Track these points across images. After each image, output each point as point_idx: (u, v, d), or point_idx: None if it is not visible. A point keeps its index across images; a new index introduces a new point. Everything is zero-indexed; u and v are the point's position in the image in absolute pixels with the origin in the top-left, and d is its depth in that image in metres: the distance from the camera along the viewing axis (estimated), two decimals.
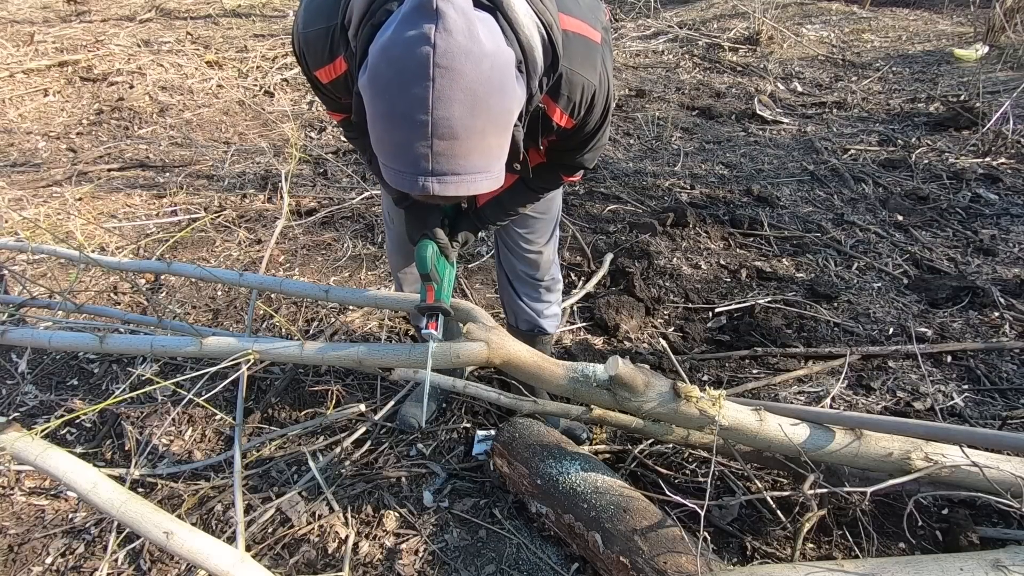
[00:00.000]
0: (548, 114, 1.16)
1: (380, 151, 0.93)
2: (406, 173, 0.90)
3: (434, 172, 0.89)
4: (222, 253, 2.95)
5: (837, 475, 1.64)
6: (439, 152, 0.87)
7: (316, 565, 1.60)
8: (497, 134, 0.93)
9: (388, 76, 0.86)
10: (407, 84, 0.85)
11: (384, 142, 0.91)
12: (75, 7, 6.47)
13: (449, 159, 0.88)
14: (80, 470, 1.35)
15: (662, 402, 1.45)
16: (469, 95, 0.86)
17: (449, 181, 0.90)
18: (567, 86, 1.12)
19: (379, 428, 2.00)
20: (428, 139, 0.86)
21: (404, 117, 0.86)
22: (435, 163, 0.88)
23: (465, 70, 0.85)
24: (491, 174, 0.94)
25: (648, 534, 1.39)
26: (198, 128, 4.33)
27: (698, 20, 6.61)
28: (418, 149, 0.87)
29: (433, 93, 0.84)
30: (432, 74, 0.83)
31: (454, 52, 0.84)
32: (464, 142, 0.88)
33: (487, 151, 0.92)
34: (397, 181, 0.93)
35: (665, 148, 4.07)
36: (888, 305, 2.59)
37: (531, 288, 1.80)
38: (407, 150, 0.88)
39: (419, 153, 0.87)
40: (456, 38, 0.84)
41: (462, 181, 0.91)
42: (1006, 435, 1.41)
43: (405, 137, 0.87)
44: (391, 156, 0.91)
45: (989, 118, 3.86)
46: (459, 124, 0.86)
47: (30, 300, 2.26)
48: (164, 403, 2.12)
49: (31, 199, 3.37)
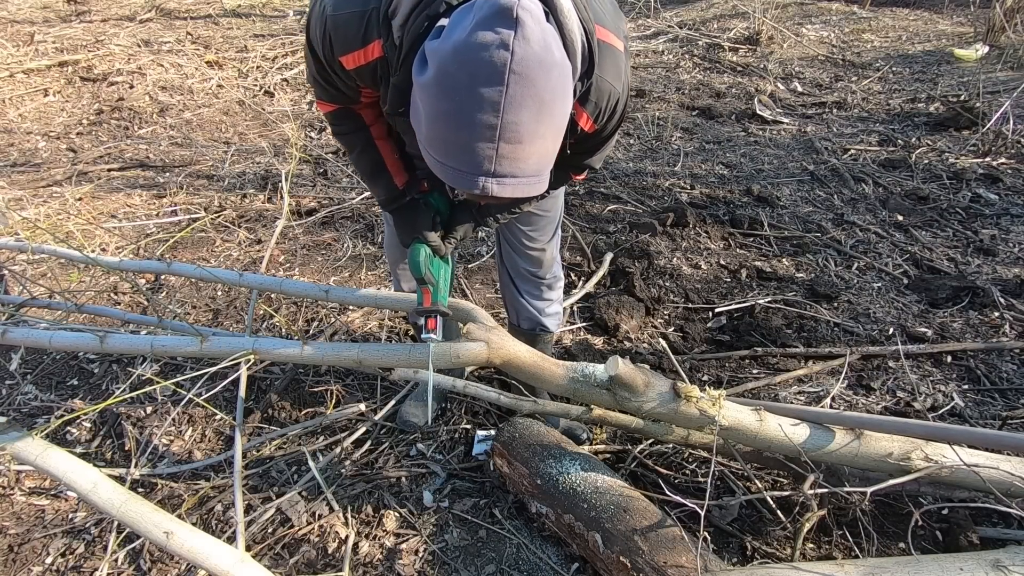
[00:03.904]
0: (575, 119, 1.18)
1: (436, 148, 0.94)
2: (465, 172, 0.92)
3: (495, 174, 0.91)
4: (222, 253, 2.95)
5: (837, 475, 1.64)
6: (503, 155, 0.90)
7: (316, 565, 1.60)
8: (554, 140, 0.96)
9: (460, 77, 0.87)
10: (480, 87, 0.86)
11: (445, 141, 0.92)
12: (75, 7, 6.47)
13: (512, 162, 0.91)
14: (80, 470, 1.35)
15: (662, 402, 1.46)
16: (538, 102, 0.89)
17: (507, 183, 0.93)
18: (596, 93, 1.15)
19: (379, 428, 2.00)
20: (495, 142, 0.89)
21: (473, 118, 0.88)
22: (497, 165, 0.91)
23: (538, 78, 0.88)
24: (542, 177, 0.98)
25: (648, 534, 1.39)
26: (198, 128, 4.33)
27: (698, 20, 6.61)
28: (483, 151, 0.89)
29: (506, 98, 0.86)
30: (507, 79, 0.86)
31: (530, 60, 0.86)
32: (527, 146, 0.91)
33: (544, 156, 0.95)
34: (452, 179, 0.94)
35: (665, 148, 4.07)
36: (888, 305, 2.59)
37: (533, 286, 1.80)
38: (470, 150, 0.90)
39: (484, 155, 0.90)
40: (533, 47, 0.87)
41: (519, 184, 0.94)
42: (1006, 435, 1.41)
43: (471, 138, 0.89)
44: (450, 155, 0.93)
45: (989, 118, 3.86)
46: (525, 129, 0.89)
47: (30, 300, 2.26)
48: (164, 403, 2.12)
49: (31, 199, 3.37)
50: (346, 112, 1.31)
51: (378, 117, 1.34)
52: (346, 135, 1.36)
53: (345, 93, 1.24)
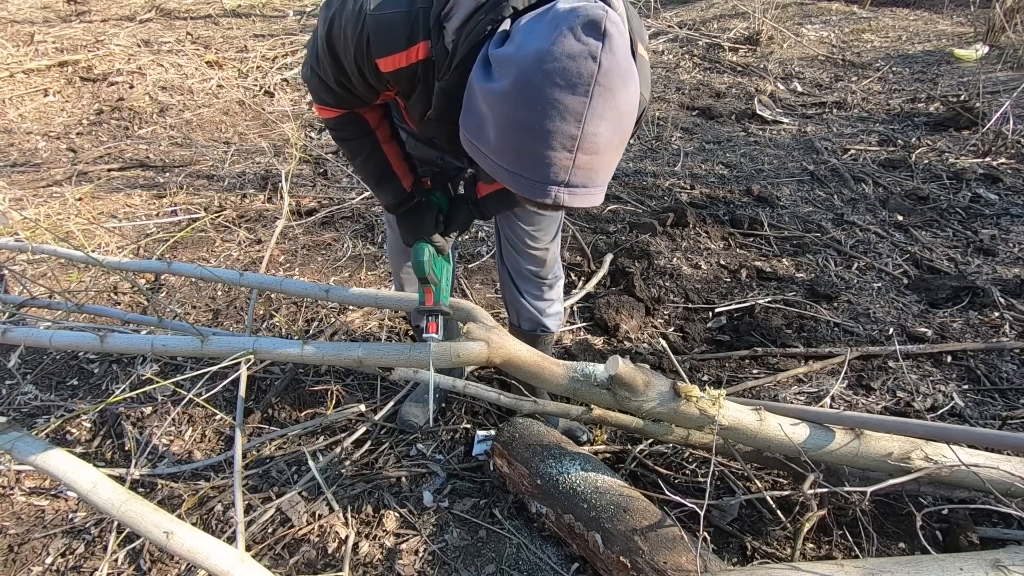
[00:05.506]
0: None
1: (507, 157, 0.93)
2: (538, 182, 0.91)
3: (569, 184, 0.91)
4: (222, 253, 2.95)
5: (837, 475, 1.64)
6: (580, 165, 0.90)
7: (316, 565, 1.60)
8: (622, 150, 0.97)
9: (543, 86, 0.86)
10: (564, 97, 0.86)
11: (519, 150, 0.91)
12: (75, 7, 6.47)
13: (586, 172, 0.91)
14: (80, 470, 1.35)
15: (662, 402, 1.46)
16: (616, 114, 0.89)
17: (578, 193, 0.92)
18: None
19: (379, 428, 2.00)
20: (573, 152, 0.88)
21: (552, 128, 0.87)
22: (572, 176, 0.90)
23: (619, 91, 0.88)
24: (604, 187, 0.98)
25: (648, 534, 1.39)
26: (198, 128, 4.33)
27: (698, 20, 6.61)
28: (560, 161, 0.89)
29: (589, 109, 0.86)
30: (592, 91, 0.86)
31: (614, 73, 0.87)
32: (602, 157, 0.91)
33: (612, 165, 0.96)
34: (523, 188, 0.93)
35: (665, 148, 4.07)
36: (888, 305, 2.59)
37: (535, 286, 1.80)
38: (546, 160, 0.89)
39: (561, 165, 0.89)
40: (619, 60, 0.87)
41: (588, 193, 0.93)
42: (1006, 435, 1.41)
43: (549, 147, 0.88)
44: (522, 164, 0.92)
45: (989, 118, 3.86)
46: (604, 140, 0.89)
47: (30, 300, 2.26)
48: (164, 403, 2.12)
49: (31, 199, 3.37)
50: (351, 117, 1.27)
51: (382, 119, 1.32)
52: (350, 140, 1.32)
53: (360, 98, 1.20)
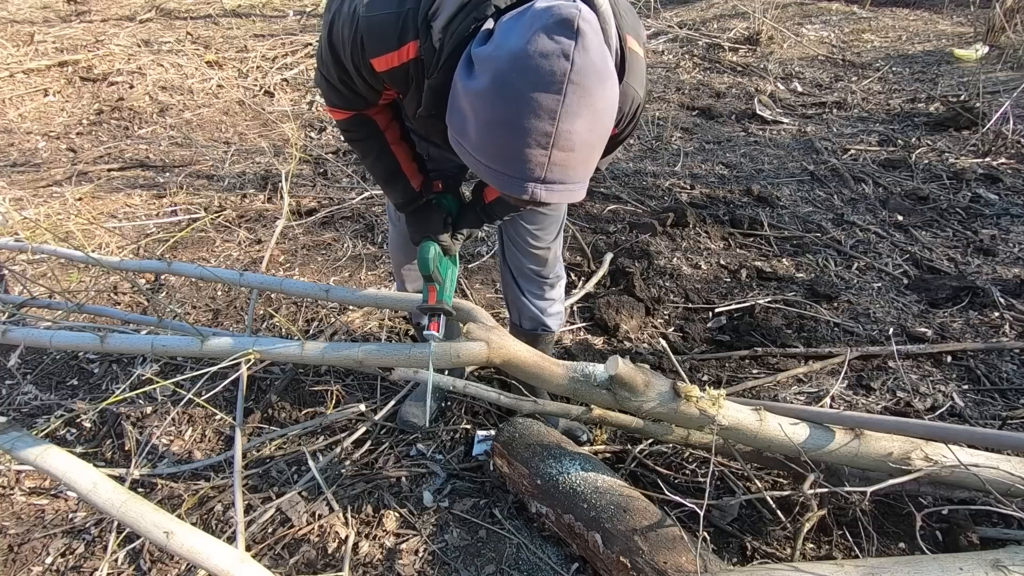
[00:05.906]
0: None
1: (487, 154, 0.95)
2: (515, 179, 0.93)
3: (545, 180, 0.93)
4: (222, 253, 2.95)
5: (837, 475, 1.64)
6: (555, 162, 0.91)
7: (316, 565, 1.60)
8: (601, 148, 0.98)
9: (519, 85, 0.88)
10: (538, 95, 0.87)
11: (498, 147, 0.93)
12: (75, 7, 6.47)
13: (563, 169, 0.92)
14: (80, 470, 1.35)
15: (662, 402, 1.46)
16: (592, 112, 0.90)
17: (556, 189, 0.94)
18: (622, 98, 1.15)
19: (379, 428, 2.00)
20: (548, 149, 0.90)
21: (528, 125, 0.89)
22: (548, 172, 0.92)
23: (594, 89, 0.89)
24: (585, 183, 0.99)
25: (648, 534, 1.39)
26: (198, 128, 4.33)
27: (698, 20, 6.61)
28: (536, 157, 0.90)
29: (563, 107, 0.87)
30: (565, 89, 0.87)
31: (588, 71, 0.88)
32: (578, 154, 0.92)
33: (590, 163, 0.97)
34: (501, 184, 0.96)
35: (665, 148, 4.07)
36: (888, 305, 2.59)
37: (536, 286, 1.80)
38: (523, 157, 0.91)
39: (536, 161, 0.91)
40: (592, 58, 0.88)
41: (566, 189, 0.95)
42: (1006, 435, 1.41)
43: (524, 144, 0.90)
44: (501, 160, 0.93)
45: (989, 118, 3.86)
46: (579, 138, 0.90)
47: (30, 300, 2.26)
48: (164, 403, 2.12)
49: (31, 199, 3.37)
50: (361, 118, 1.30)
51: (392, 120, 1.34)
52: (361, 141, 1.35)
53: (364, 97, 1.22)
